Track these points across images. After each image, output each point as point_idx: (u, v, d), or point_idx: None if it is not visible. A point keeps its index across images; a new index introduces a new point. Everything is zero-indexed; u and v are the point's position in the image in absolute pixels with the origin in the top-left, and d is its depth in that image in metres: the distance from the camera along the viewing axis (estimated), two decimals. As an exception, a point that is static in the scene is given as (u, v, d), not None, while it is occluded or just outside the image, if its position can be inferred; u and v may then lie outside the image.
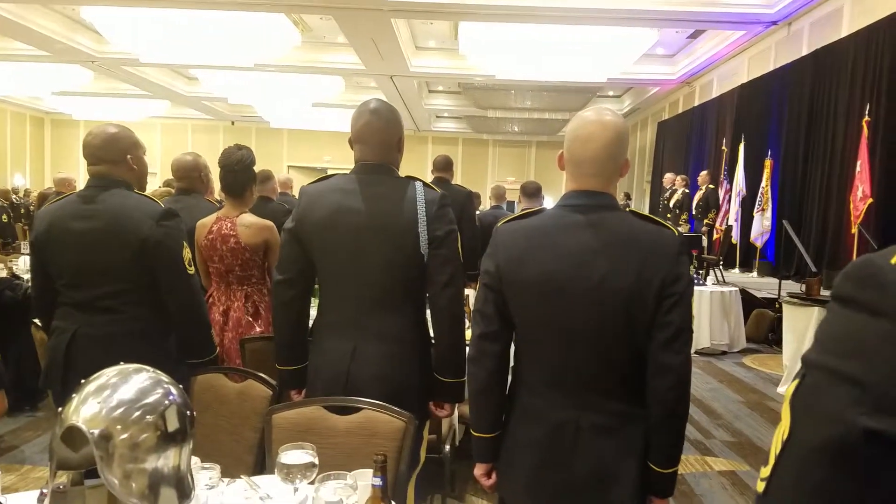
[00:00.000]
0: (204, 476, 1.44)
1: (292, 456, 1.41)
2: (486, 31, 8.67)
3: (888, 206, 5.95)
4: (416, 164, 14.38)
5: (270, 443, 1.77)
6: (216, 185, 3.48)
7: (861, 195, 5.98)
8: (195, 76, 13.06)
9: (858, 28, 6.69)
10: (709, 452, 3.94)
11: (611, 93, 14.40)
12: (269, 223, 2.84)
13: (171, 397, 1.24)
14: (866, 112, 6.08)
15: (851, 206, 6.15)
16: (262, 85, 12.28)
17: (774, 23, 8.08)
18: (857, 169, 6.05)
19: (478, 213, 5.99)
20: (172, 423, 1.21)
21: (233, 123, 17.91)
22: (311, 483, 1.38)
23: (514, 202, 10.89)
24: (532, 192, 5.27)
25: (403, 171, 2.04)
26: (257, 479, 1.57)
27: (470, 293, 3.48)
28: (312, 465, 1.40)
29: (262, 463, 1.85)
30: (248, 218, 2.81)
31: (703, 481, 3.52)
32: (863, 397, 0.44)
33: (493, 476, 1.64)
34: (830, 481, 0.46)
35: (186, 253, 2.18)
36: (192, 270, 2.20)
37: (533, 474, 1.53)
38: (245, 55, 9.62)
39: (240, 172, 2.82)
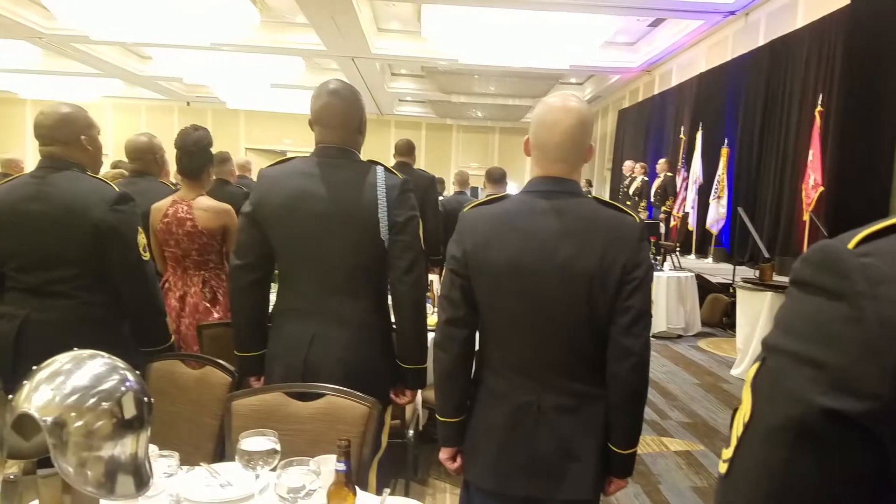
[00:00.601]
0: (162, 464, 1.42)
1: (253, 442, 1.39)
2: (450, 14, 8.61)
3: (838, 195, 6.14)
4: (379, 148, 14.21)
5: (231, 430, 1.74)
6: (172, 166, 3.39)
7: (813, 183, 6.17)
8: (149, 55, 12.66)
9: (812, 20, 6.87)
10: (665, 433, 4.04)
11: (573, 80, 14.48)
12: (227, 207, 2.78)
13: (127, 383, 1.21)
14: (819, 102, 6.26)
15: (803, 194, 6.35)
16: (220, 65, 11.95)
17: (732, 13, 8.23)
18: (810, 158, 6.23)
19: (441, 198, 5.99)
20: (129, 410, 1.18)
21: (188, 104, 17.43)
22: (273, 470, 1.37)
23: (477, 188, 10.92)
24: (497, 177, 5.30)
25: (366, 156, 2.01)
26: (218, 466, 1.55)
27: (434, 279, 3.48)
28: (274, 451, 1.39)
29: (222, 450, 1.82)
30: (206, 201, 2.75)
31: (659, 461, 3.61)
32: (822, 378, 0.45)
33: (459, 460, 1.66)
34: (792, 461, 0.47)
35: (141, 238, 2.12)
36: (147, 256, 2.14)
37: (497, 456, 1.55)
38: (202, 34, 9.33)
39: (196, 154, 2.75)
